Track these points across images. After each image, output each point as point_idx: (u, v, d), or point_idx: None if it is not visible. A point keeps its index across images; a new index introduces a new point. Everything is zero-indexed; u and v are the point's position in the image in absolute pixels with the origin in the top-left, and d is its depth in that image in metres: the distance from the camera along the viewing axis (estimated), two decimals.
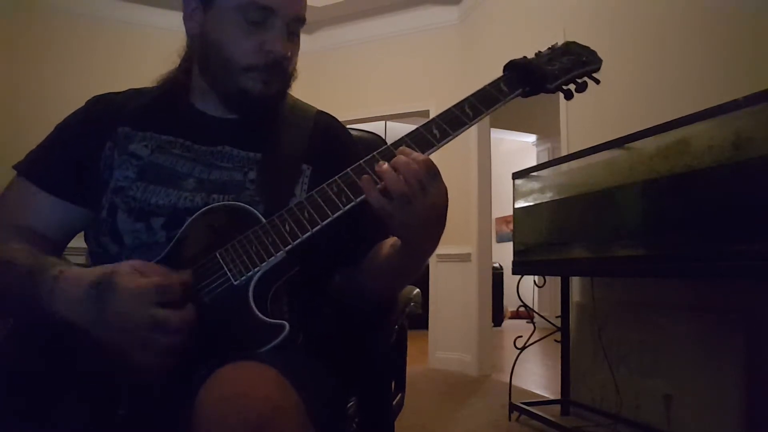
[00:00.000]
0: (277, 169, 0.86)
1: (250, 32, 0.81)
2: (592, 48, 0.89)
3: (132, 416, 0.67)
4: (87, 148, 0.85)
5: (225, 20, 0.81)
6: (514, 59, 0.83)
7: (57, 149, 0.87)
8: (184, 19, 0.87)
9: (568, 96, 0.86)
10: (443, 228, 0.74)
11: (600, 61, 0.87)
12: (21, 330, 0.76)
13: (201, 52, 0.86)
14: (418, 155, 0.70)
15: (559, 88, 0.84)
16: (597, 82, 0.87)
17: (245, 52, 0.81)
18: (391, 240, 0.82)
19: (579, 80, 0.86)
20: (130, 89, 0.94)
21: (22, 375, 0.70)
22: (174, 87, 0.91)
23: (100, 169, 0.84)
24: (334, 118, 1.00)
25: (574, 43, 0.89)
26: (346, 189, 0.73)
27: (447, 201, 0.72)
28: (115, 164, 0.84)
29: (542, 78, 0.82)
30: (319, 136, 0.93)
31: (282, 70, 0.85)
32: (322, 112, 0.99)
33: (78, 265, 0.80)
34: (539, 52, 0.88)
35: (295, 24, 0.85)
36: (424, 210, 0.69)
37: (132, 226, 0.80)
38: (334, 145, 0.94)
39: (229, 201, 0.80)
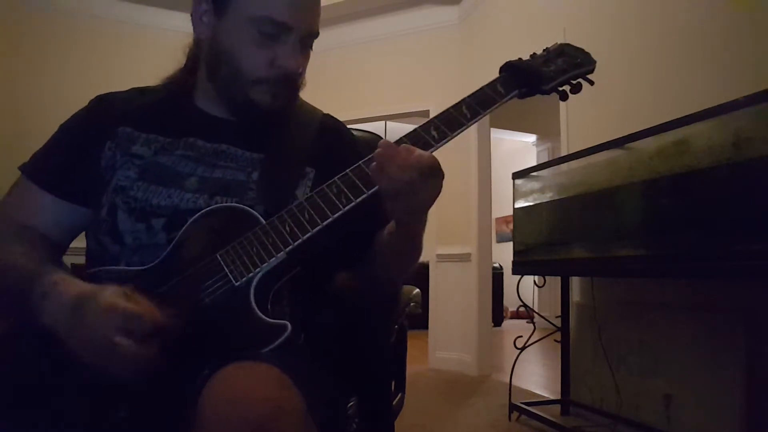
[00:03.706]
0: (280, 171, 0.86)
1: (263, 45, 0.80)
2: (593, 48, 0.90)
3: (133, 418, 0.67)
4: (89, 148, 0.85)
5: (238, 30, 0.81)
6: (510, 61, 0.84)
7: (59, 150, 0.87)
8: (193, 20, 0.86)
9: (564, 97, 0.88)
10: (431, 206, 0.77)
11: (594, 62, 0.89)
12: (19, 331, 0.76)
13: (210, 57, 0.85)
14: (422, 152, 0.71)
15: (554, 90, 0.86)
16: (591, 83, 0.89)
17: (256, 65, 0.81)
18: (387, 229, 0.85)
19: (574, 81, 0.87)
20: (132, 89, 0.93)
21: (20, 376, 0.70)
22: (178, 87, 0.91)
23: (102, 169, 0.84)
24: (339, 122, 1.00)
25: (568, 45, 0.91)
26: (345, 190, 0.73)
27: (441, 186, 0.74)
28: (117, 164, 0.83)
29: (538, 79, 0.84)
30: (324, 140, 0.93)
31: (292, 85, 0.85)
32: (328, 115, 0.99)
33: (79, 265, 0.80)
34: (534, 54, 0.89)
35: (309, 38, 0.84)
36: (424, 199, 0.73)
37: (132, 226, 0.79)
38: (339, 149, 0.93)
39: (230, 202, 0.80)
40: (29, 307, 0.69)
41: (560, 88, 0.86)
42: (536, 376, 3.78)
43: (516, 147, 7.42)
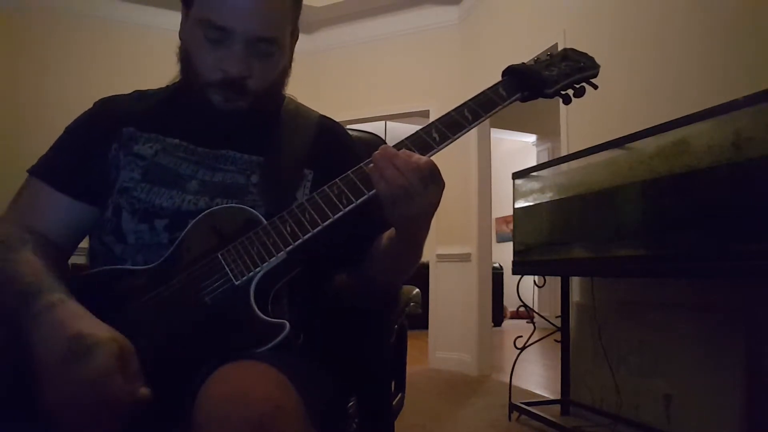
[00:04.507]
0: (279, 173, 0.86)
1: (209, 49, 0.80)
2: (593, 49, 0.91)
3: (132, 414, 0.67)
4: (95, 148, 0.86)
5: (192, 32, 0.82)
6: (513, 64, 0.84)
7: (66, 151, 0.88)
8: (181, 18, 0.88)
9: (567, 101, 0.87)
10: (433, 215, 0.76)
11: (597, 66, 0.88)
12: (19, 332, 0.76)
13: (180, 59, 0.87)
14: (420, 157, 0.71)
15: (557, 93, 0.86)
16: (595, 87, 0.89)
17: (205, 67, 0.81)
18: (388, 233, 0.84)
19: (577, 85, 0.87)
20: (135, 91, 0.94)
21: (21, 374, 0.70)
22: (178, 88, 0.92)
23: (108, 170, 0.85)
24: (336, 123, 1.01)
25: (572, 49, 0.91)
26: (346, 190, 0.74)
27: (442, 192, 0.74)
28: (121, 165, 0.84)
29: (541, 83, 0.84)
30: (322, 142, 0.93)
31: (242, 89, 0.81)
32: (324, 117, 0.99)
33: (79, 265, 0.80)
34: (537, 57, 0.89)
35: (262, 44, 0.81)
36: (423, 205, 0.72)
37: (136, 226, 0.80)
38: (336, 150, 0.94)
39: (231, 204, 0.81)
40: (20, 324, 0.66)
41: (563, 92, 0.86)
42: (536, 376, 3.78)
43: (516, 147, 7.42)
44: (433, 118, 0.84)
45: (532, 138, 6.90)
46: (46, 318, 0.64)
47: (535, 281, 2.85)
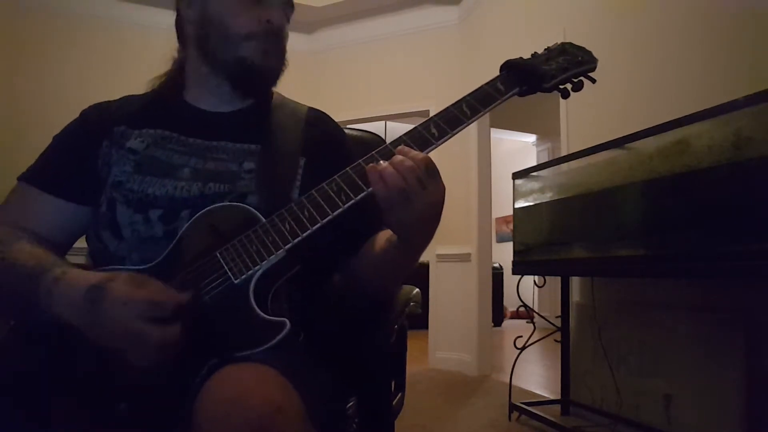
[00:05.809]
0: (275, 161, 0.87)
1: (249, 6, 0.87)
2: (593, 48, 0.90)
3: (133, 411, 0.67)
4: (85, 149, 0.87)
5: None
6: (511, 59, 0.84)
7: (56, 154, 0.89)
8: (180, 11, 0.91)
9: (565, 95, 0.87)
10: (438, 223, 0.75)
11: (595, 60, 0.88)
12: (22, 327, 0.76)
13: (200, 32, 0.89)
14: (416, 154, 0.70)
15: (555, 87, 0.85)
16: (593, 81, 0.88)
17: (245, 22, 0.86)
18: (386, 234, 0.83)
19: (575, 80, 0.87)
20: (124, 96, 0.96)
21: (23, 370, 0.70)
22: (168, 85, 0.93)
23: (99, 168, 0.86)
24: (325, 113, 1.02)
25: (570, 44, 0.90)
26: (345, 187, 0.73)
27: (444, 198, 0.73)
28: (113, 161, 0.85)
29: (539, 77, 0.83)
30: (312, 130, 0.94)
31: (279, 41, 0.89)
32: (313, 108, 1.01)
33: (79, 266, 0.80)
34: (535, 52, 0.89)
35: (289, 7, 0.92)
36: (422, 207, 0.70)
37: (131, 218, 0.81)
38: (327, 137, 0.96)
39: (224, 190, 0.82)
40: (36, 301, 0.69)
41: (561, 86, 0.86)
42: (536, 376, 3.78)
43: (516, 147, 7.42)
44: None
45: (532, 138, 6.89)
46: (60, 286, 0.70)
47: (535, 281, 2.84)
